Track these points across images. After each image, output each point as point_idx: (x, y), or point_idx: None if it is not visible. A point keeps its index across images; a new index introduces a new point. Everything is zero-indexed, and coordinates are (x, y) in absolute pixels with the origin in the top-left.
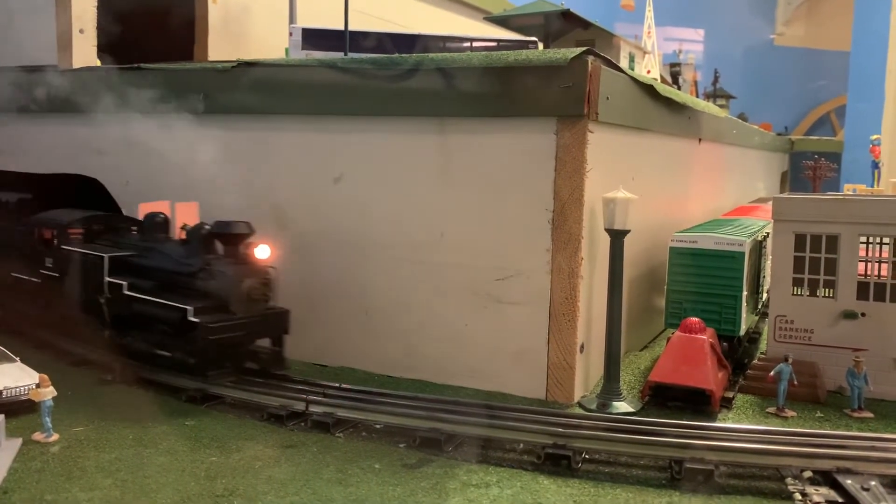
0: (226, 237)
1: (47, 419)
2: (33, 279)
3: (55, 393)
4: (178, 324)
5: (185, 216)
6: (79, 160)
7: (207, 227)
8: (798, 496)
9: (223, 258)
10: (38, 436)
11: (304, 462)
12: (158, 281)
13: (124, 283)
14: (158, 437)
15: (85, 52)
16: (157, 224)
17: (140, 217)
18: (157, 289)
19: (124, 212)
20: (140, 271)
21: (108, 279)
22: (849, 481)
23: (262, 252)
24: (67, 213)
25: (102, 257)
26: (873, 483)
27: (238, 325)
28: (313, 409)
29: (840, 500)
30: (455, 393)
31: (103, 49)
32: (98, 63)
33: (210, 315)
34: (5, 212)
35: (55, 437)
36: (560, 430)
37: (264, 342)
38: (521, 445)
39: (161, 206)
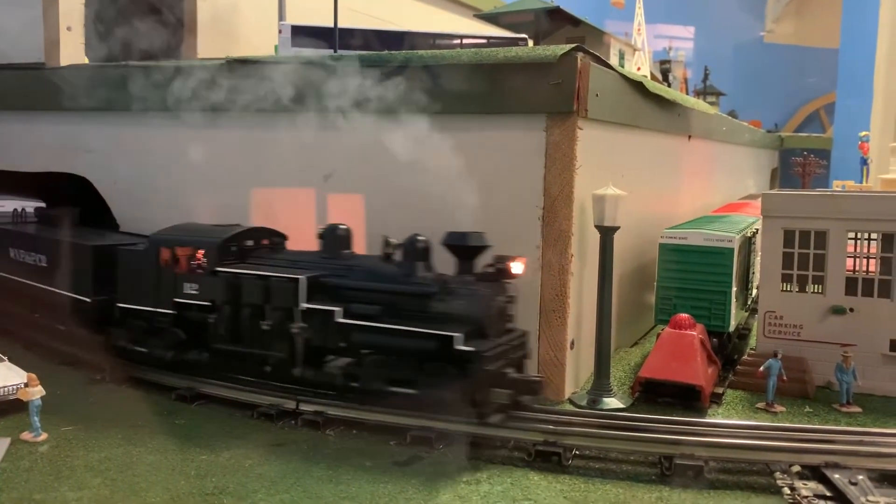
0: (460, 250)
1: (36, 419)
2: (161, 310)
3: (43, 392)
4: (437, 354)
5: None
6: (67, 159)
7: (422, 239)
8: (787, 491)
9: (462, 276)
10: (26, 435)
11: (295, 460)
12: (376, 304)
13: (335, 308)
14: (148, 436)
15: (72, 50)
16: (339, 237)
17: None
18: (381, 314)
19: (113, 212)
20: (343, 295)
21: (305, 305)
22: (836, 476)
23: (517, 268)
24: (198, 227)
25: (296, 280)
26: (861, 477)
27: (503, 353)
28: (303, 407)
29: (828, 494)
30: None
31: (91, 47)
32: (86, 61)
33: (478, 342)
34: (50, 226)
35: (44, 436)
36: (550, 426)
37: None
38: (512, 442)
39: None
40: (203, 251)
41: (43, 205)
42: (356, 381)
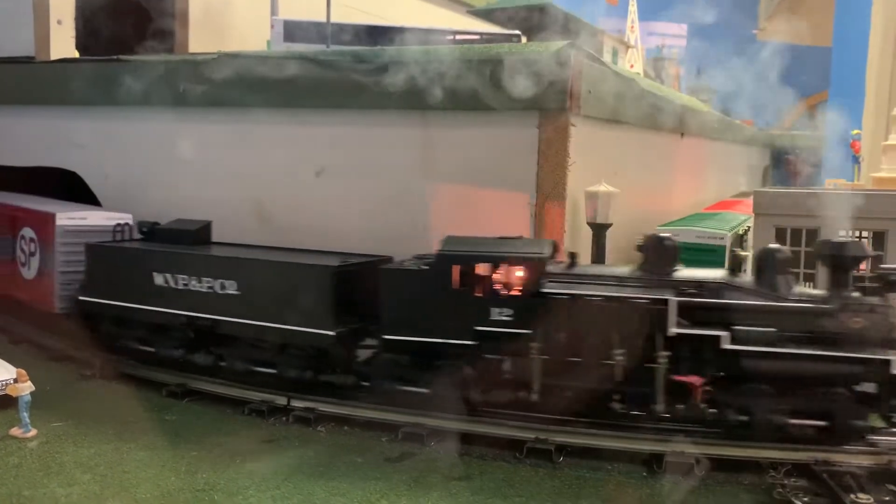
0: (836, 260)
1: (25, 414)
2: (454, 341)
3: (33, 388)
4: (858, 380)
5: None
6: (57, 153)
7: (781, 249)
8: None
9: (841, 289)
10: (15, 431)
11: (286, 456)
12: (768, 326)
13: (721, 333)
14: (138, 433)
15: (63, 44)
16: (667, 250)
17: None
18: (779, 338)
19: (104, 207)
20: (717, 317)
21: (675, 330)
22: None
23: None
24: (490, 241)
25: (664, 301)
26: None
27: None
28: (295, 403)
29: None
30: None
31: (82, 40)
32: (76, 55)
33: None
34: (198, 244)
35: (33, 432)
36: (542, 424)
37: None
38: (504, 439)
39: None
40: (523, 269)
41: (129, 217)
42: (745, 415)
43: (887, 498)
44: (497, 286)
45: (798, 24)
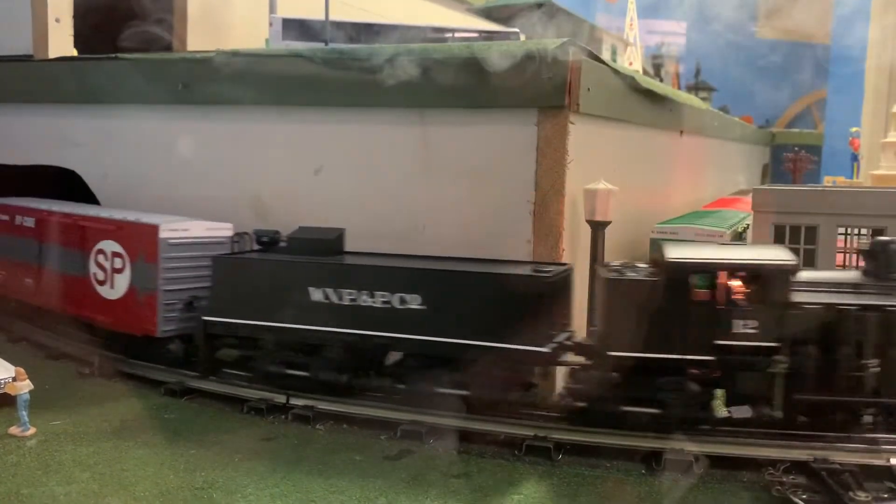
0: None
1: (24, 413)
2: (694, 357)
3: (32, 386)
4: None
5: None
6: (56, 152)
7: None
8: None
9: None
10: (14, 430)
11: (285, 454)
12: None
13: None
14: (137, 431)
15: (61, 42)
16: (894, 253)
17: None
18: None
19: (104, 205)
20: None
21: None
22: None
23: None
24: (722, 247)
25: None
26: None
27: None
28: (294, 401)
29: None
30: None
31: (80, 38)
32: (75, 53)
33: None
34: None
35: (32, 430)
36: (540, 422)
37: None
38: (503, 436)
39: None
40: (771, 278)
41: (229, 226)
42: None
43: (885, 496)
44: (739, 296)
45: (797, 22)
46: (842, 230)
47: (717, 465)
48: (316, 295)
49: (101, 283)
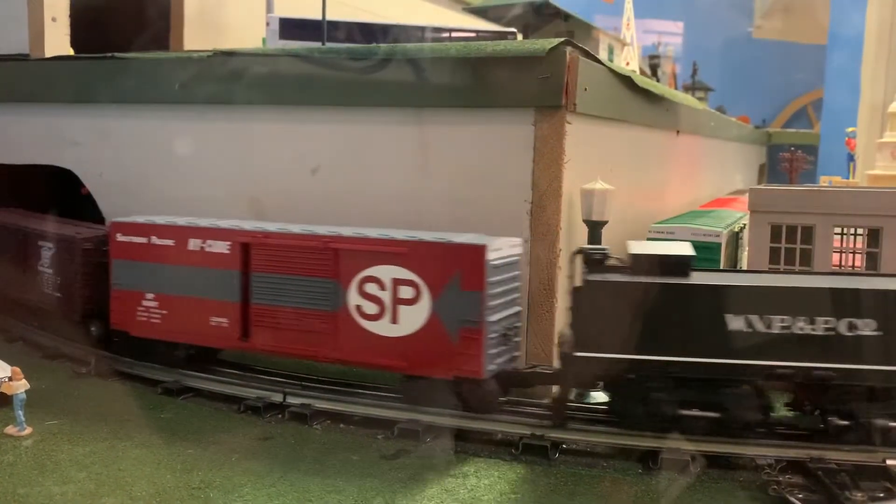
0: None
1: (20, 412)
2: None
3: (28, 386)
4: None
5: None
6: (52, 151)
7: None
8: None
9: None
10: (10, 429)
11: (282, 454)
12: None
13: None
14: (134, 430)
15: (58, 41)
16: None
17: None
18: None
19: (99, 206)
20: None
21: None
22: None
23: None
24: None
25: None
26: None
27: None
28: (290, 400)
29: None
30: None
31: (77, 38)
32: (71, 52)
33: None
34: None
35: (28, 430)
36: (537, 420)
37: None
38: (499, 436)
39: None
40: None
41: (520, 244)
42: None
43: (881, 495)
44: None
45: (793, 22)
46: (838, 230)
47: (714, 464)
48: (736, 323)
49: (372, 317)
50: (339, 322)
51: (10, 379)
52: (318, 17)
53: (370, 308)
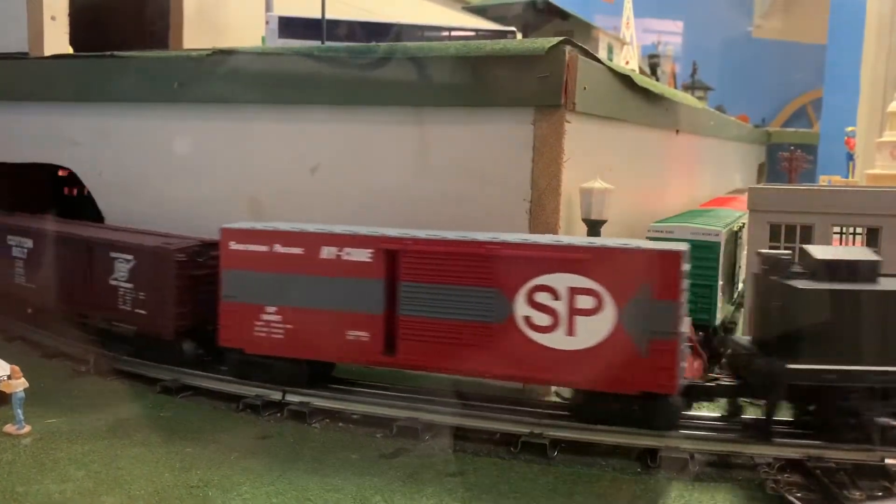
0: None
1: (19, 411)
2: None
3: (27, 384)
4: None
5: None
6: (51, 150)
7: None
8: (770, 483)
9: None
10: (9, 428)
11: (281, 453)
12: None
13: None
14: (132, 429)
15: (57, 40)
16: None
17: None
18: None
19: (98, 204)
20: None
21: None
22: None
23: None
24: None
25: None
26: None
27: None
28: (289, 398)
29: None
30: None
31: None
32: (70, 51)
33: None
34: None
35: (27, 428)
36: (536, 419)
37: None
38: (498, 435)
39: None
40: None
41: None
42: None
43: (879, 494)
44: None
45: (793, 22)
46: (837, 229)
47: (713, 462)
48: None
49: (544, 329)
50: (504, 335)
51: (9, 377)
52: (318, 15)
53: (541, 319)
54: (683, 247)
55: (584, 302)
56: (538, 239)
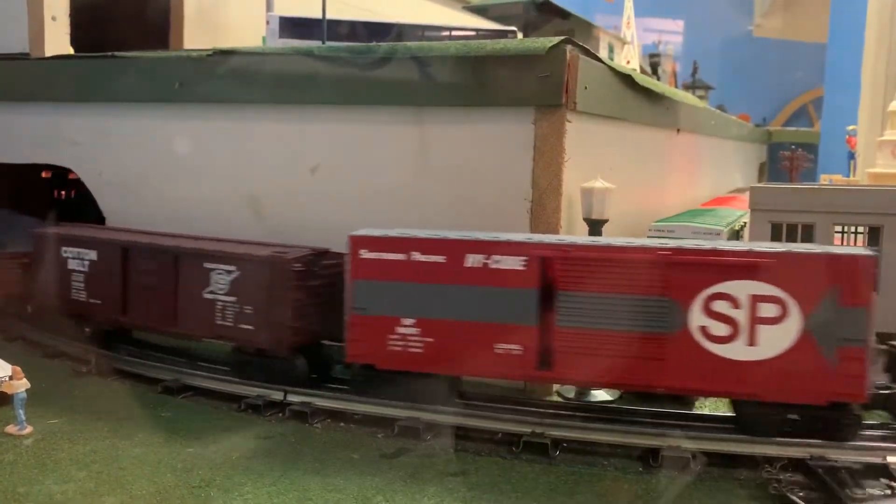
0: None
1: (21, 411)
2: None
3: (28, 385)
4: None
5: None
6: (51, 150)
7: None
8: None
9: None
10: (11, 428)
11: (282, 453)
12: None
13: None
14: (134, 429)
15: (57, 40)
16: None
17: None
18: None
19: (99, 204)
20: None
21: None
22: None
23: None
24: None
25: None
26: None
27: None
28: (291, 398)
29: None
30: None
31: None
32: (71, 51)
33: None
34: None
35: (29, 429)
36: (538, 418)
37: None
38: (500, 434)
39: None
40: None
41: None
42: None
43: (882, 493)
44: None
45: (794, 21)
46: (838, 228)
47: (714, 462)
48: None
49: (722, 339)
50: (677, 346)
51: (11, 378)
52: (318, 15)
53: (719, 329)
54: (873, 252)
55: (767, 310)
56: (716, 244)
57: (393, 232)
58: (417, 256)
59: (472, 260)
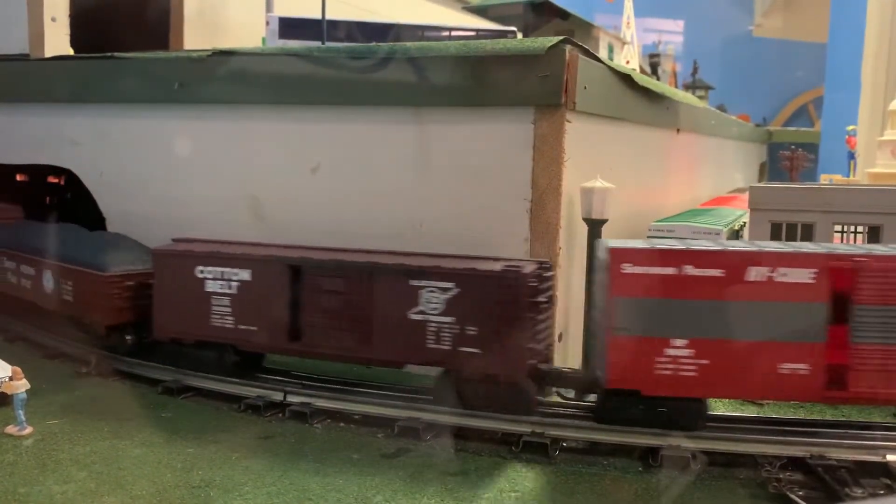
0: None
1: (21, 412)
2: None
3: (28, 385)
4: None
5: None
6: (51, 151)
7: None
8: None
9: None
10: (11, 429)
11: (282, 453)
12: None
13: None
14: (134, 430)
15: (57, 41)
16: None
17: None
18: None
19: (99, 205)
20: None
21: None
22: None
23: None
24: None
25: None
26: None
27: None
28: (291, 398)
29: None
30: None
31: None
32: (71, 52)
33: None
34: None
35: (29, 430)
36: (538, 418)
37: None
38: (500, 434)
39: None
40: None
41: None
42: None
43: (881, 492)
44: None
45: (794, 21)
46: (838, 228)
47: (715, 461)
48: None
49: None
50: None
51: (11, 378)
52: (318, 16)
53: None
54: None
55: None
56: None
57: (661, 244)
58: (691, 270)
59: (755, 273)
